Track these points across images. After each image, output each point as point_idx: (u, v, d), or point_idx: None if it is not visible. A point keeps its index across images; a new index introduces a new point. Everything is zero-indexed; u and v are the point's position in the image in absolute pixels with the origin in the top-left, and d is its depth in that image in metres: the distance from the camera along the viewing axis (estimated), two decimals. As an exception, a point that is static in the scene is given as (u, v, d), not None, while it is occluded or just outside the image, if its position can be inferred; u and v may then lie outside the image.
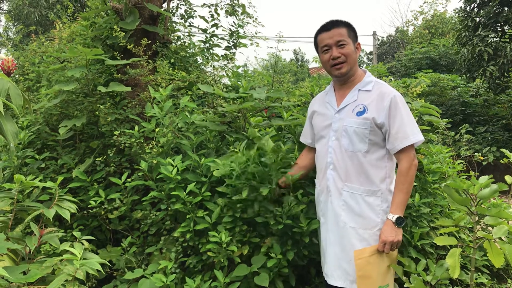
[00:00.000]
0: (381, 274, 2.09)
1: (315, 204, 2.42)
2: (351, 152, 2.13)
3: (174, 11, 4.29)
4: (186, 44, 4.05)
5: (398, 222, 2.03)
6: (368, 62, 30.93)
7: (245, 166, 2.39)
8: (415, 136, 2.07)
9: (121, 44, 3.19)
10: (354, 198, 2.13)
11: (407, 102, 2.95)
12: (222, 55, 4.17)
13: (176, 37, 4.07)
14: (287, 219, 2.33)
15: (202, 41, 4.13)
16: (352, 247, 2.11)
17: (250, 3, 4.18)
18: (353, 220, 2.13)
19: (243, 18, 4.20)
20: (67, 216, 2.33)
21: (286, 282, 2.45)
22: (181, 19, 4.26)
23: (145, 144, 2.74)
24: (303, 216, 2.36)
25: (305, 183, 2.63)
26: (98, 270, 1.95)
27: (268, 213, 2.38)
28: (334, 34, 2.16)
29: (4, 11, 16.85)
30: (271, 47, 4.40)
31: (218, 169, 2.46)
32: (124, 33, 3.19)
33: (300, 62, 34.24)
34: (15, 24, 14.22)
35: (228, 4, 4.21)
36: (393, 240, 2.03)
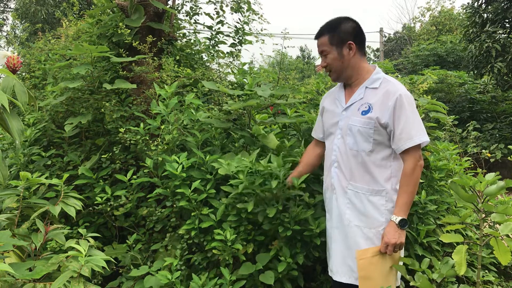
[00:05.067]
0: (383, 275, 2.07)
1: (322, 202, 2.40)
2: (355, 151, 2.11)
3: (179, 8, 4.29)
4: (192, 41, 4.05)
5: (401, 224, 2.00)
6: (375, 59, 30.76)
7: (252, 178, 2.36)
8: (420, 137, 2.03)
9: (126, 41, 3.19)
10: (359, 197, 2.11)
11: (414, 99, 2.92)
12: (227, 52, 4.16)
13: (181, 34, 4.07)
14: (295, 225, 2.31)
15: (207, 38, 4.12)
16: (356, 245, 2.09)
17: (256, -1, 4.18)
18: (357, 219, 2.11)
19: (249, 15, 4.19)
20: (72, 213, 2.34)
21: (292, 280, 2.44)
22: (187, 16, 4.26)
23: (150, 141, 2.75)
24: (312, 218, 2.33)
25: (310, 180, 2.61)
26: (103, 267, 1.96)
27: (275, 220, 2.35)
28: (318, 44, 2.20)
29: (11, 9, 16.96)
30: (277, 44, 4.37)
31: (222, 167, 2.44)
32: (129, 31, 3.19)
33: (306, 59, 34.14)
34: (22, 22, 14.31)
35: (233, 1, 4.20)
36: (396, 242, 2.00)
